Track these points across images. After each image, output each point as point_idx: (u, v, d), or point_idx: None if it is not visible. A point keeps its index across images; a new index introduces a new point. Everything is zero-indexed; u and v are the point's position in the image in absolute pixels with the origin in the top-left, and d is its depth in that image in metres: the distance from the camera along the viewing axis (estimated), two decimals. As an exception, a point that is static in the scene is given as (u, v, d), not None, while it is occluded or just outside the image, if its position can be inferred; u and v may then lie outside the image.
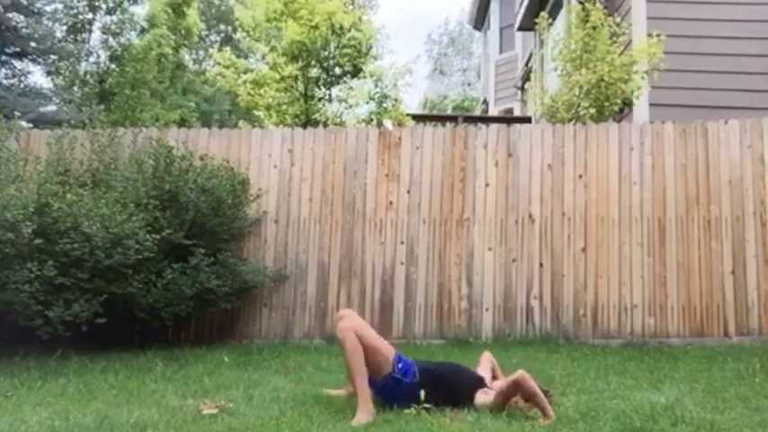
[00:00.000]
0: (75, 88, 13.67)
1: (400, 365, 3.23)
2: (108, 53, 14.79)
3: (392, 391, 3.21)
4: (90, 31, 14.70)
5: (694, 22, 7.78)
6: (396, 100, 11.19)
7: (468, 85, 33.35)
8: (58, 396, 3.59)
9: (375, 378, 3.19)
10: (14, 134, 6.30)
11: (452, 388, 3.25)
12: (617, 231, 6.01)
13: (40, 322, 4.63)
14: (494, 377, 3.55)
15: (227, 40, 21.17)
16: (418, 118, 12.64)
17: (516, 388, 3.09)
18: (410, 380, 3.22)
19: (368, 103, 11.23)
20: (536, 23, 8.60)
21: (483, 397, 3.19)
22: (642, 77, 7.20)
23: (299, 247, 6.25)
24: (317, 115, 10.47)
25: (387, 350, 3.28)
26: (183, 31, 18.08)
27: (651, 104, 7.42)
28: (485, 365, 3.62)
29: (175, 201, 5.50)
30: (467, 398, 3.20)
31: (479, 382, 3.32)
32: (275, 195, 6.35)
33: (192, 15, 18.36)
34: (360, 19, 10.91)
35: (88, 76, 14.16)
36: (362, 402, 3.05)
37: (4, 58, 11.26)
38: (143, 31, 15.68)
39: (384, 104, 11.02)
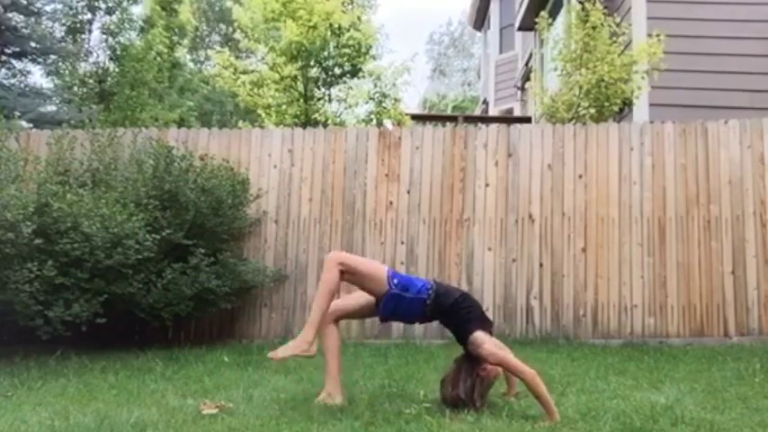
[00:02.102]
0: (75, 88, 13.66)
1: (395, 281, 3.27)
2: (108, 53, 14.78)
3: (394, 308, 3.30)
4: (89, 32, 14.70)
5: (694, 22, 7.78)
6: (395, 99, 11.19)
7: (469, 85, 33.36)
8: (58, 396, 3.59)
9: (378, 301, 3.31)
10: (14, 134, 6.30)
11: (463, 312, 3.29)
12: (617, 231, 6.01)
13: (40, 322, 4.63)
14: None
15: (228, 41, 21.17)
16: (418, 118, 12.65)
17: (515, 375, 3.19)
18: (416, 295, 3.26)
19: (367, 102, 11.23)
20: (536, 23, 8.60)
21: (483, 338, 3.18)
22: (642, 77, 7.20)
23: (299, 247, 6.25)
24: (316, 115, 10.48)
25: (378, 272, 3.31)
26: (176, 30, 18.04)
27: (651, 104, 7.42)
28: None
29: (175, 201, 5.50)
30: (467, 331, 3.23)
31: (488, 325, 3.34)
32: (275, 195, 6.35)
33: (185, 13, 18.29)
34: (359, 19, 10.91)
35: (88, 76, 14.16)
36: (306, 329, 3.14)
37: (3, 58, 11.25)
38: (142, 30, 15.67)
39: (383, 104, 11.02)
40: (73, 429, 2.84)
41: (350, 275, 3.28)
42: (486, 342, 3.19)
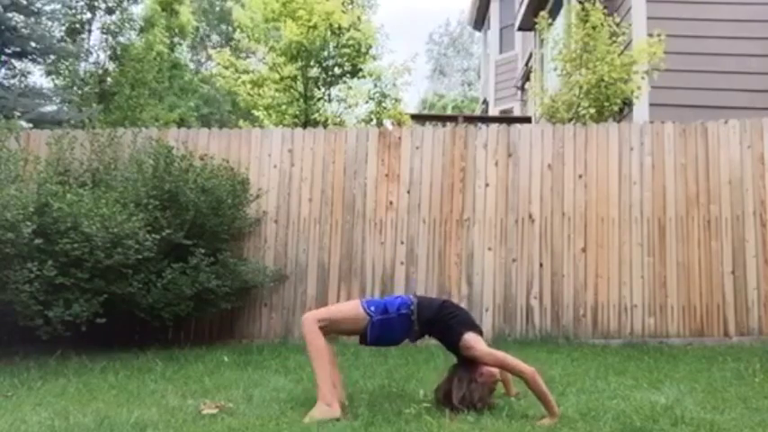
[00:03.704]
0: (75, 88, 13.64)
1: (372, 308, 3.27)
2: (108, 53, 14.77)
3: (382, 333, 3.27)
4: (89, 31, 14.68)
5: (694, 22, 7.78)
6: (395, 99, 11.19)
7: (469, 85, 33.37)
8: (58, 396, 3.59)
9: (364, 335, 3.28)
10: (14, 134, 6.29)
11: (447, 323, 3.28)
12: (617, 231, 6.01)
13: (40, 322, 4.64)
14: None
15: (228, 41, 21.18)
16: (418, 118, 12.64)
17: (515, 374, 3.17)
18: (397, 313, 3.26)
19: (367, 102, 11.22)
20: (536, 23, 8.60)
21: (474, 339, 3.17)
22: (642, 77, 7.20)
23: (299, 247, 6.25)
24: (316, 115, 10.47)
25: (353, 310, 3.31)
26: (176, 30, 18.02)
27: (651, 104, 7.42)
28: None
29: (175, 201, 5.50)
30: (456, 335, 3.20)
31: (478, 329, 3.31)
32: (275, 195, 6.35)
33: (185, 13, 18.26)
34: (359, 19, 10.90)
35: (88, 76, 14.14)
36: (321, 396, 3.07)
37: (3, 58, 11.23)
38: (142, 30, 15.65)
39: (383, 104, 11.02)
40: (73, 429, 2.84)
41: (331, 328, 3.26)
42: (478, 342, 3.17)
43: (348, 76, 10.81)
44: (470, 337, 3.17)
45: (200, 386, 3.84)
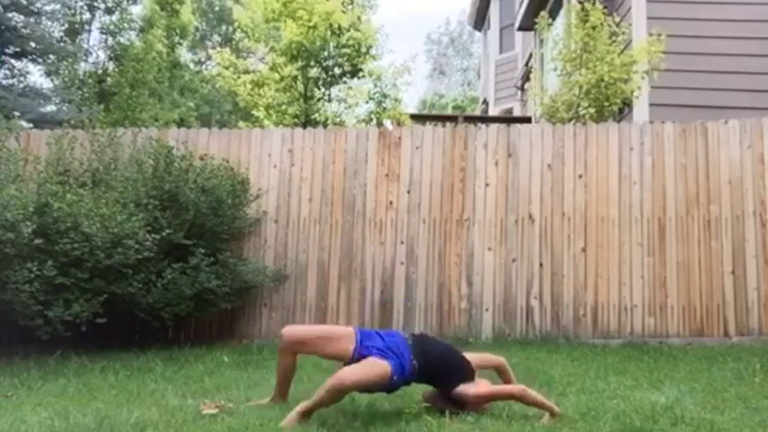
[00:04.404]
0: (75, 88, 13.64)
1: (395, 378, 3.04)
2: (107, 53, 14.78)
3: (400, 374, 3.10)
4: (89, 31, 14.69)
5: (694, 22, 7.78)
6: (395, 99, 11.18)
7: (469, 85, 33.36)
8: (58, 396, 3.59)
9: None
10: (14, 134, 6.30)
11: (444, 378, 3.19)
12: (617, 231, 6.01)
13: (40, 322, 4.64)
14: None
15: (228, 41, 21.17)
16: (418, 118, 12.63)
17: (510, 399, 3.12)
18: (408, 376, 3.12)
19: (367, 102, 11.22)
20: (536, 23, 8.61)
21: (465, 391, 3.10)
22: (642, 77, 7.20)
23: (298, 247, 6.25)
24: (316, 115, 10.47)
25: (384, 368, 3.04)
26: (177, 30, 18.02)
27: (651, 104, 7.43)
28: (483, 363, 3.48)
29: (175, 201, 5.51)
30: (449, 389, 3.13)
31: (470, 375, 3.24)
32: (275, 195, 6.36)
33: (185, 13, 18.26)
34: (359, 19, 10.90)
35: (87, 76, 14.15)
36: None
37: (3, 58, 11.24)
38: (142, 30, 15.65)
39: (383, 104, 11.01)
40: (73, 429, 2.84)
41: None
42: (468, 390, 3.10)
43: (348, 76, 10.80)
44: (461, 390, 3.09)
45: (200, 386, 3.84)
